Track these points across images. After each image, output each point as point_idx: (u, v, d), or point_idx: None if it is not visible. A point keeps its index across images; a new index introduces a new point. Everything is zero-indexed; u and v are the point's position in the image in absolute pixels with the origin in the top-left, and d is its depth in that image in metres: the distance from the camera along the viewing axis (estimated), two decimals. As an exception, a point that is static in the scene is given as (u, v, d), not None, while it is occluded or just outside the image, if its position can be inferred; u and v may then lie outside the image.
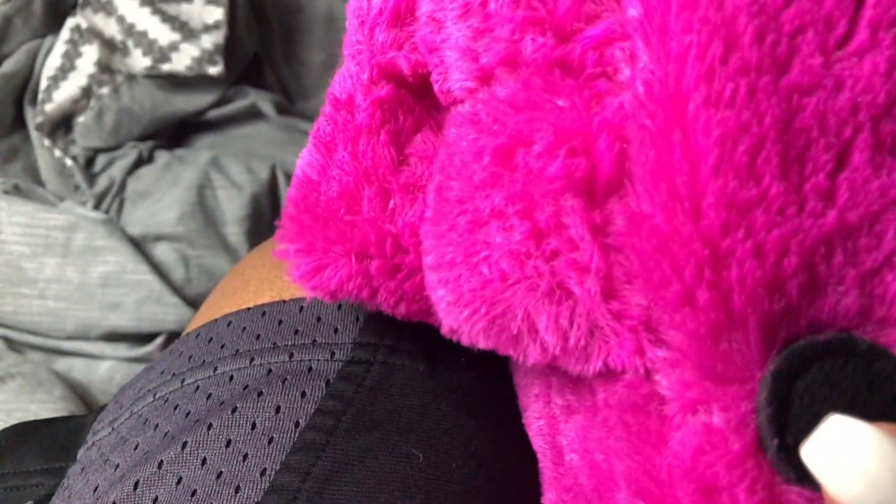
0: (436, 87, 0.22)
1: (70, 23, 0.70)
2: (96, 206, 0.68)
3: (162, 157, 0.71)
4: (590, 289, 0.17)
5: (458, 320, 0.19)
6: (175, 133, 0.75)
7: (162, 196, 0.67)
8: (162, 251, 0.65)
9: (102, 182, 0.69)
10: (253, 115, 0.73)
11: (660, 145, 0.15)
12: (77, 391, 0.61)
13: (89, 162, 0.71)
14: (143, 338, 0.64)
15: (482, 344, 0.19)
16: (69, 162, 0.69)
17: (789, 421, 0.14)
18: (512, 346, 0.18)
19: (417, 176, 0.23)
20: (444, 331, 0.21)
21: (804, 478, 0.14)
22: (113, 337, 0.63)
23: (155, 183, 0.68)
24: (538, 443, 0.23)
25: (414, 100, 0.24)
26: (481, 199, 0.18)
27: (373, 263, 0.22)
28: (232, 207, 0.66)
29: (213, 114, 0.72)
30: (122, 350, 0.63)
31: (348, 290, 0.22)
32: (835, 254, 0.14)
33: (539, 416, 0.22)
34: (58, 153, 0.69)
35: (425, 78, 0.24)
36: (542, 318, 0.17)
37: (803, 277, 0.14)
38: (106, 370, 0.63)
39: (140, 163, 0.71)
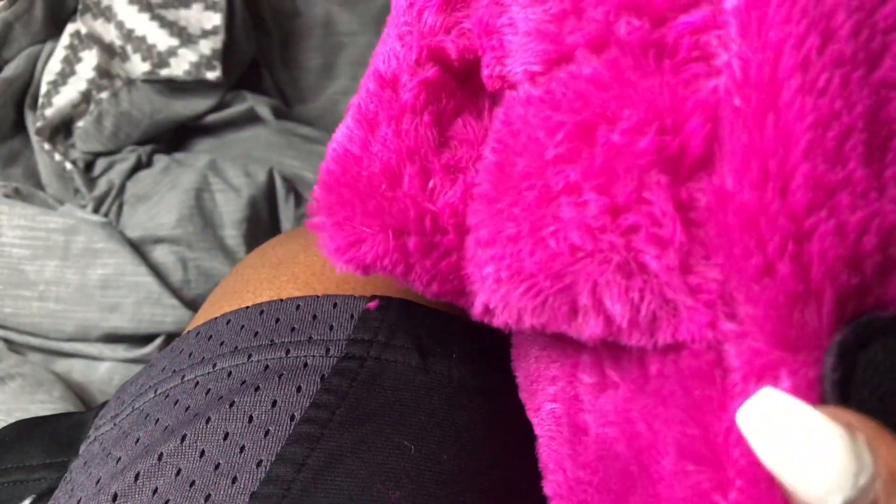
0: (485, 72, 0.23)
1: (70, 28, 0.71)
2: (96, 210, 0.69)
3: (161, 160, 0.72)
4: (668, 263, 0.18)
5: (508, 297, 0.20)
6: (174, 137, 0.75)
7: (160, 199, 0.68)
8: (160, 253, 0.66)
9: (102, 185, 0.70)
10: (251, 119, 0.74)
11: (753, 127, 0.16)
12: (76, 392, 0.61)
13: (89, 166, 0.72)
14: (142, 339, 0.65)
15: (528, 321, 0.20)
16: (69, 166, 0.69)
17: (852, 389, 0.15)
18: (567, 322, 0.19)
19: (458, 158, 0.23)
20: (477, 310, 0.21)
21: None
22: (112, 338, 0.64)
23: (154, 186, 0.69)
24: (547, 427, 0.23)
25: (457, 84, 0.25)
26: (553, 175, 0.19)
27: (411, 240, 0.22)
28: (230, 210, 0.67)
29: (212, 118, 0.73)
30: (121, 351, 0.64)
31: (384, 265, 0.22)
32: None
33: (553, 398, 0.23)
34: (58, 157, 0.69)
35: (470, 64, 0.24)
36: (612, 291, 0.18)
37: (878, 257, 0.15)
38: (105, 371, 0.63)
39: (139, 166, 0.71)
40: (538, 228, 0.19)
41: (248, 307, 0.30)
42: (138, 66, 0.69)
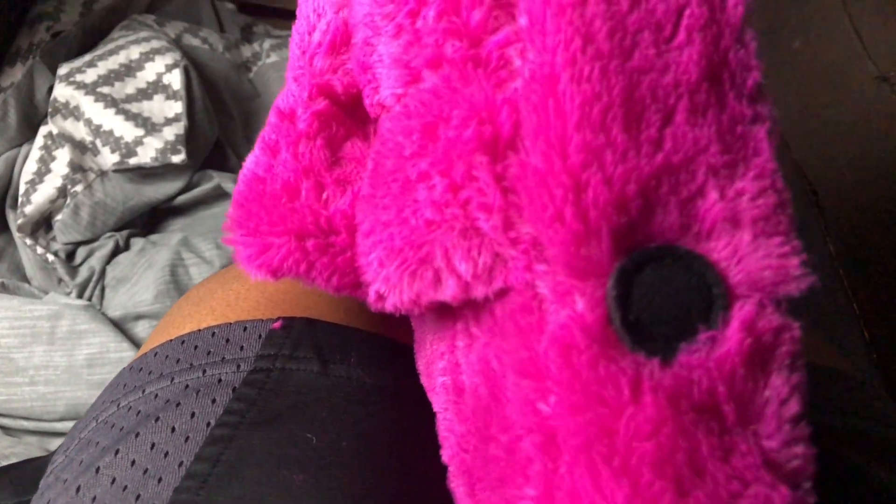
0: (367, 102, 0.28)
1: (43, 130, 0.76)
2: (80, 296, 0.73)
3: (137, 243, 0.76)
4: (494, 223, 0.22)
5: (387, 275, 0.24)
6: (149, 220, 0.80)
7: (139, 279, 0.72)
8: (142, 329, 0.70)
9: (83, 273, 0.74)
10: (219, 195, 0.79)
11: (540, 111, 0.20)
12: (71, 468, 0.64)
13: (70, 255, 0.76)
14: (131, 412, 0.68)
15: (406, 295, 0.23)
16: (51, 257, 0.74)
17: (631, 303, 0.19)
18: (433, 288, 0.23)
19: (348, 173, 0.28)
20: (371, 298, 0.25)
21: (637, 344, 0.19)
22: (102, 414, 0.67)
23: (131, 268, 0.73)
24: (441, 401, 0.27)
25: (345, 114, 0.29)
26: (411, 168, 0.23)
27: (310, 242, 0.26)
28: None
29: (182, 199, 0.78)
30: (112, 426, 0.67)
31: (289, 266, 0.26)
32: (662, 185, 0.19)
33: (442, 372, 0.27)
34: (40, 250, 0.74)
35: (355, 97, 0.29)
36: (457, 252, 0.22)
37: (640, 201, 0.19)
38: (97, 446, 0.66)
39: (117, 251, 0.76)
40: (402, 210, 0.23)
41: (171, 339, 0.34)
42: (108, 157, 0.74)
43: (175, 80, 0.78)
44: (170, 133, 0.75)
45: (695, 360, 0.19)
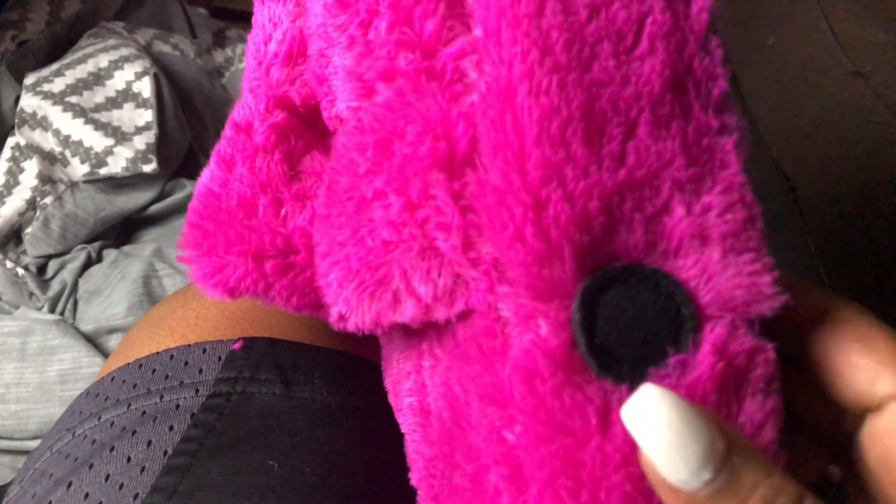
0: (325, 115, 0.27)
1: (10, 142, 0.74)
2: (51, 310, 0.71)
3: (110, 255, 0.74)
4: (453, 243, 0.21)
5: (346, 297, 0.23)
6: (122, 231, 0.78)
7: (112, 291, 0.71)
8: (115, 342, 0.68)
9: (55, 286, 0.72)
10: (192, 204, 0.77)
11: (498, 126, 0.19)
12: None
13: (42, 269, 0.74)
14: (106, 428, 0.66)
15: (367, 317, 0.22)
16: (21, 272, 0.72)
17: (596, 326, 0.18)
18: (392, 309, 0.22)
19: (307, 188, 0.26)
20: (333, 319, 0.24)
21: (603, 370, 0.18)
22: (76, 431, 0.66)
23: (104, 280, 0.72)
24: (409, 422, 0.26)
25: (304, 126, 0.28)
26: (365, 185, 0.23)
27: (268, 263, 0.25)
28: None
29: (155, 208, 0.76)
30: (87, 442, 0.66)
31: (246, 286, 0.25)
32: (625, 201, 0.19)
33: (409, 392, 0.26)
34: (10, 265, 0.72)
35: (314, 108, 0.28)
36: (416, 273, 0.21)
37: (603, 218, 0.18)
38: (72, 464, 0.65)
39: (90, 263, 0.74)
40: (357, 230, 0.22)
41: (129, 363, 0.33)
42: (78, 168, 0.72)
43: (145, 87, 0.76)
44: (140, 142, 0.74)
45: (665, 386, 0.18)
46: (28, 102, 0.74)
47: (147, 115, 0.75)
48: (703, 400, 0.18)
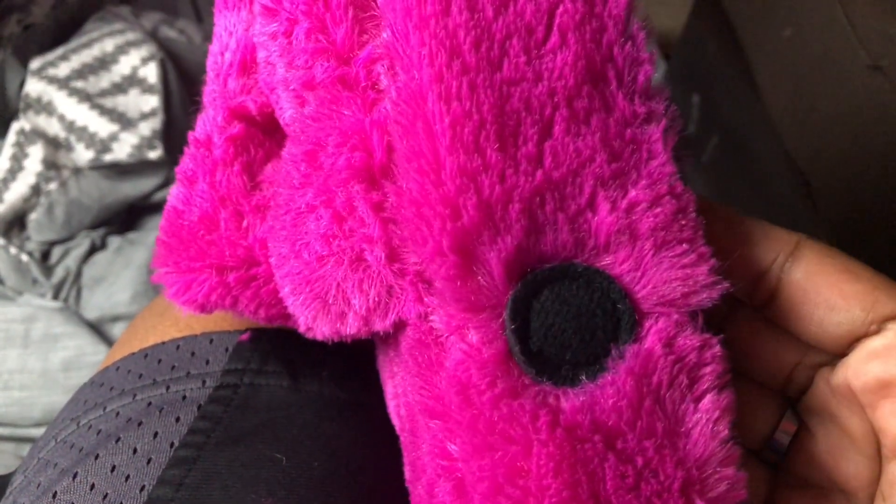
0: (281, 122, 0.26)
1: (15, 127, 0.74)
2: (55, 297, 0.71)
3: (114, 242, 0.74)
4: (378, 255, 0.20)
5: (299, 310, 0.22)
6: (126, 218, 0.78)
7: (116, 279, 0.70)
8: (119, 330, 0.68)
9: (59, 273, 0.72)
10: (197, 192, 0.77)
11: (410, 134, 0.18)
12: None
13: (46, 255, 0.74)
14: (108, 415, 0.66)
15: (325, 330, 0.22)
16: (25, 258, 0.72)
17: (531, 331, 0.18)
18: (340, 321, 0.21)
19: (268, 198, 0.26)
20: (302, 329, 0.23)
21: (541, 374, 0.18)
22: (78, 418, 0.65)
23: (108, 267, 0.72)
24: (396, 423, 0.26)
25: (264, 135, 0.27)
26: (299, 198, 0.22)
27: (230, 275, 0.25)
28: (181, 280, 0.69)
29: (160, 195, 0.76)
30: (88, 429, 0.65)
31: (214, 301, 0.25)
32: (546, 202, 0.18)
33: (393, 395, 0.25)
34: (13, 250, 0.72)
35: (272, 116, 0.27)
36: (349, 285, 0.21)
37: (525, 222, 0.18)
38: (73, 451, 0.65)
39: (94, 250, 0.74)
40: (295, 244, 0.22)
41: (134, 353, 0.32)
42: (83, 154, 0.72)
43: (151, 73, 0.76)
44: (146, 128, 0.73)
45: (607, 384, 0.17)
46: (33, 87, 0.73)
47: (153, 101, 0.75)
48: (657, 391, 0.17)
